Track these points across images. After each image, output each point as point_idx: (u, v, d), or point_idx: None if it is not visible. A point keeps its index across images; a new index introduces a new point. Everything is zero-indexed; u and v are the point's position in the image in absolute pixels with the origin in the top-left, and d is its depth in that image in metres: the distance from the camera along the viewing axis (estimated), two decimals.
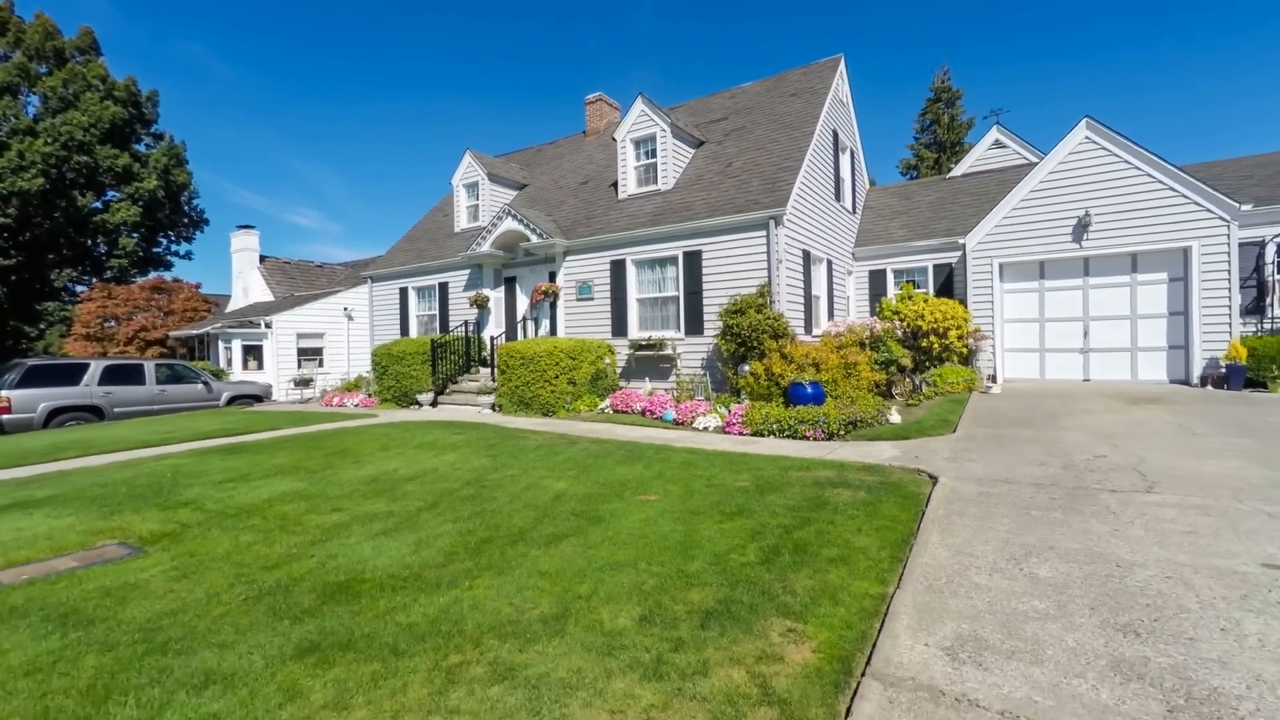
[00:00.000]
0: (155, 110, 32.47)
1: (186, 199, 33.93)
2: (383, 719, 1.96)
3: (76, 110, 27.75)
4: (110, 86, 29.37)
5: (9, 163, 25.38)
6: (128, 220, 29.70)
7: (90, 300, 26.44)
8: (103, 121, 28.25)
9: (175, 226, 33.89)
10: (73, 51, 29.67)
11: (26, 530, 4.14)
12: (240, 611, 2.79)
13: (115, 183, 29.97)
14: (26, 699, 2.13)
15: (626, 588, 2.90)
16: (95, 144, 28.18)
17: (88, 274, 30.62)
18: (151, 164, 30.83)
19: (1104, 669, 2.10)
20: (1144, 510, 3.74)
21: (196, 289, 28.91)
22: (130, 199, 29.91)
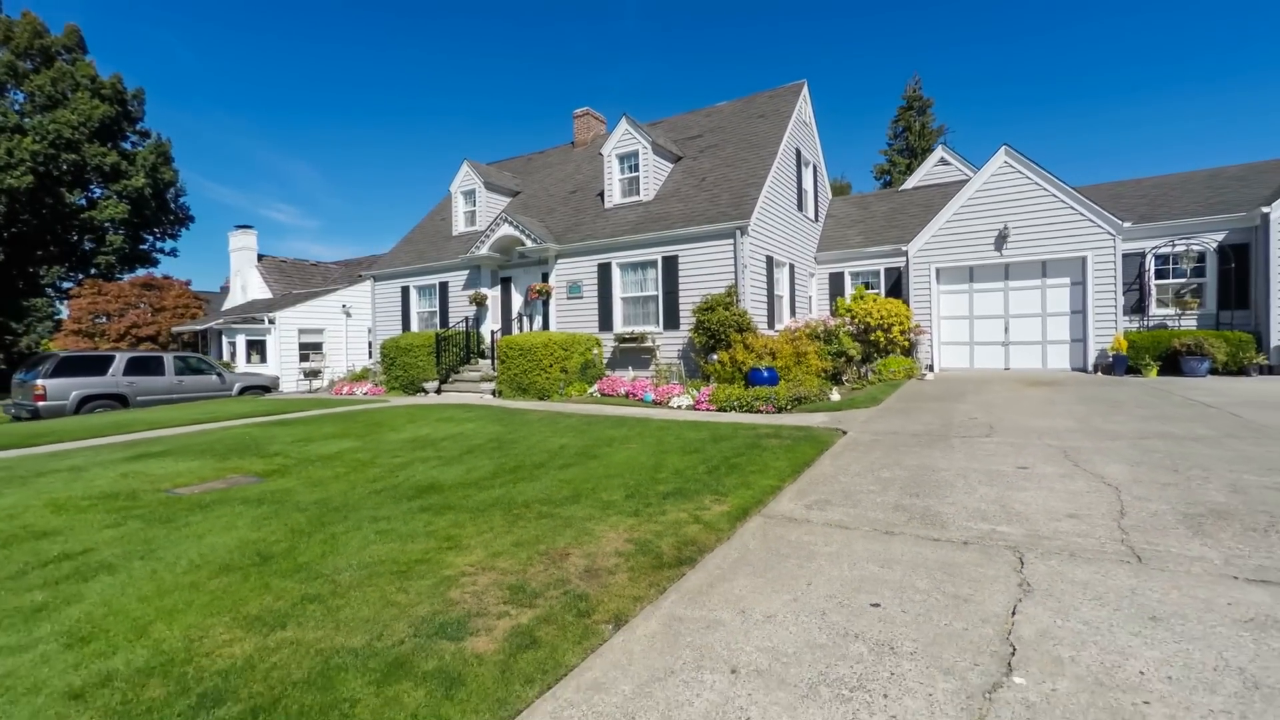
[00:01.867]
0: (142, 108, 33.20)
1: (173, 196, 34.69)
2: (483, 533, 3.57)
3: (65, 109, 28.48)
4: (98, 85, 30.11)
5: None
6: (115, 217, 30.46)
7: (81, 297, 27.24)
8: (92, 120, 29.01)
9: (161, 224, 34.61)
10: (59, 49, 30.34)
11: (170, 469, 5.65)
12: (369, 498, 4.38)
13: (103, 180, 30.71)
14: (271, 528, 3.70)
15: (616, 484, 4.54)
16: (84, 142, 28.95)
17: (75, 271, 31.29)
18: (139, 162, 31.59)
19: (889, 508, 3.80)
20: (974, 446, 5.49)
21: (187, 286, 29.86)
22: (118, 196, 30.66)
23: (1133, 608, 2.38)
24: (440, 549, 3.30)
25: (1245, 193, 11.72)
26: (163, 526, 3.85)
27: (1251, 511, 3.42)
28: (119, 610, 2.65)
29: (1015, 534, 3.25)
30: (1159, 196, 12.71)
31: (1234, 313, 11.02)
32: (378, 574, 2.98)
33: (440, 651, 2.22)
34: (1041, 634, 2.21)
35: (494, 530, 3.60)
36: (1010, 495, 3.95)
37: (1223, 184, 12.40)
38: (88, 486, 5.03)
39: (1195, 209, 11.65)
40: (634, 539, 3.37)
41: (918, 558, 2.98)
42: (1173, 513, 3.46)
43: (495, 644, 2.27)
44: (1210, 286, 11.32)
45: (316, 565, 3.11)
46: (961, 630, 2.26)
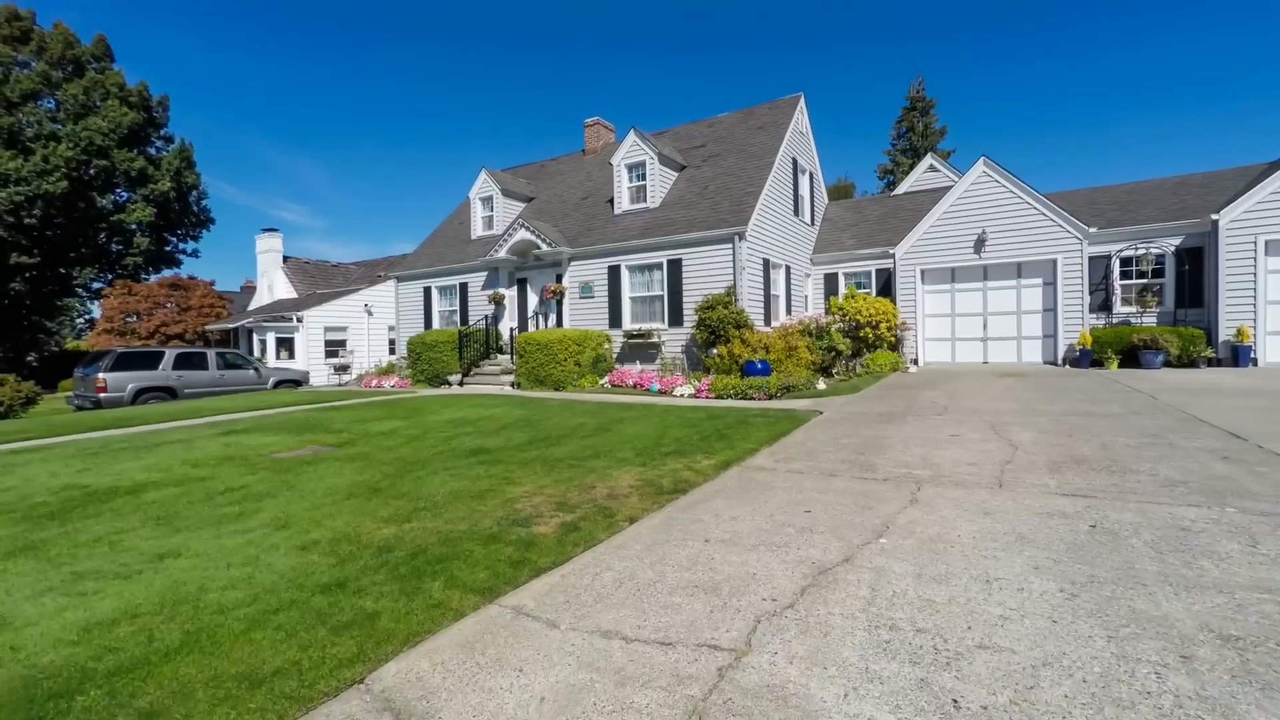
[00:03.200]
0: (166, 114, 34.76)
1: (195, 199, 36.24)
2: (529, 476, 4.81)
3: (96, 116, 30.03)
4: (126, 93, 31.65)
5: (35, 166, 27.64)
6: (142, 220, 32.01)
7: (112, 297, 28.80)
8: (121, 127, 30.55)
9: (184, 225, 36.18)
10: (89, 59, 31.90)
11: (260, 441, 6.94)
12: (434, 457, 5.64)
13: (130, 184, 32.25)
14: (370, 474, 4.96)
15: (627, 448, 5.78)
16: (113, 148, 30.48)
17: (104, 272, 32.88)
18: (164, 166, 33.12)
19: (838, 461, 5.01)
20: (923, 421, 6.68)
21: (211, 286, 31.40)
22: (145, 200, 32.20)
23: (976, 509, 3.59)
24: (500, 484, 4.55)
25: (1207, 199, 12.77)
26: (287, 474, 5.13)
27: (1102, 460, 4.61)
28: (294, 515, 3.92)
29: (924, 474, 4.46)
30: (1129, 202, 13.78)
31: (1189, 310, 12.10)
32: (460, 497, 4.23)
33: (517, 532, 3.47)
34: (910, 521, 3.43)
35: (536, 474, 4.85)
36: (934, 452, 5.15)
37: (1188, 191, 13.46)
38: (204, 452, 6.33)
39: (1158, 215, 12.73)
40: (642, 479, 4.60)
41: (847, 489, 4.20)
42: (1045, 461, 4.65)
43: (551, 529, 3.52)
44: (1169, 286, 12.40)
45: (414, 493, 4.37)
46: (859, 521, 3.48)
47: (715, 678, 1.96)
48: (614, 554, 3.14)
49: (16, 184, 26.66)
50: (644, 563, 2.99)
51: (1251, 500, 3.51)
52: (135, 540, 3.53)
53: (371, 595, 2.68)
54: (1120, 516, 3.34)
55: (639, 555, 3.10)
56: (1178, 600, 2.36)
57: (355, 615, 2.49)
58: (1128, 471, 4.26)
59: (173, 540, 3.51)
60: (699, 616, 2.39)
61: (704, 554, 3.08)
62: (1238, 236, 11.12)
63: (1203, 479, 3.99)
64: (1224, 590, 2.42)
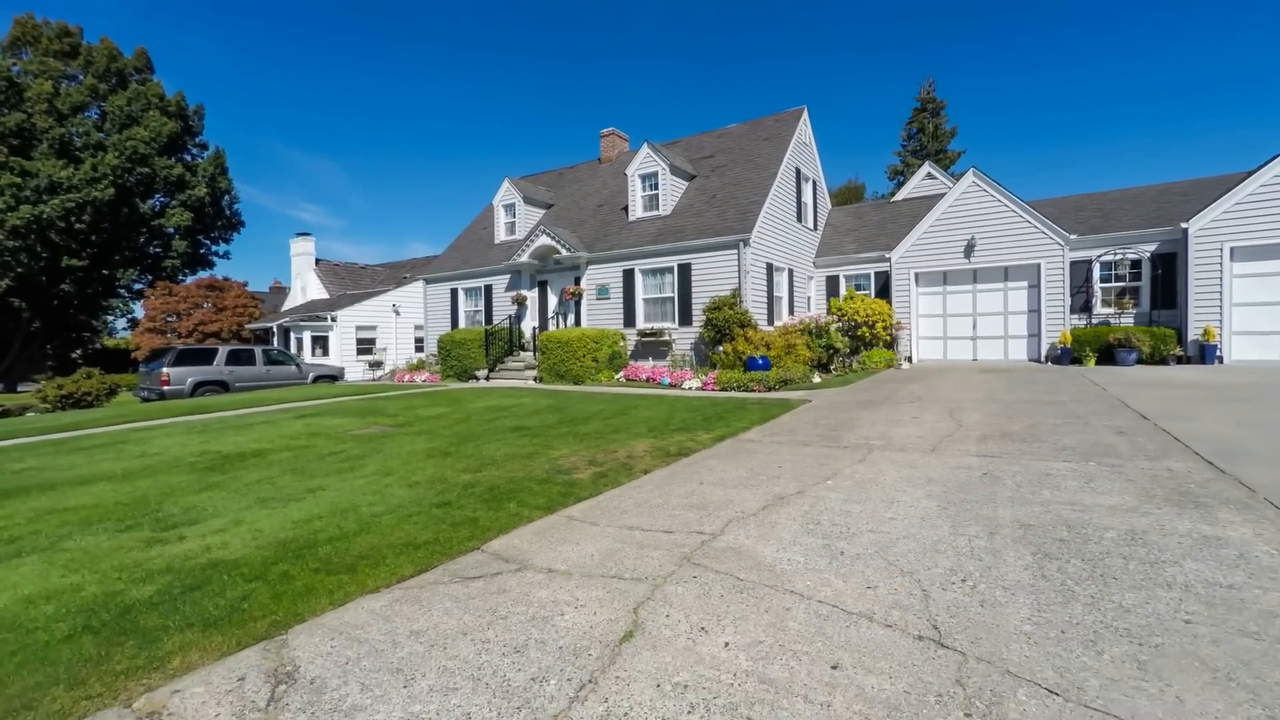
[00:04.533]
0: (201, 123, 36.67)
1: (228, 203, 38.13)
2: (564, 444, 6.08)
3: (139, 125, 31.93)
4: (165, 104, 33.55)
5: (84, 175, 29.55)
6: (180, 224, 33.90)
7: (154, 298, 30.67)
8: (161, 136, 32.43)
9: (217, 228, 38.10)
10: (131, 71, 33.86)
11: (333, 422, 8.31)
12: (483, 432, 6.94)
13: (169, 190, 34.16)
14: (437, 443, 6.27)
15: (641, 426, 7.04)
16: (154, 156, 32.37)
17: (145, 274, 34.85)
18: (200, 172, 35.02)
19: (812, 436, 6.23)
20: (894, 408, 7.85)
21: (244, 287, 33.20)
22: (182, 205, 34.11)
23: (906, 465, 4.80)
24: (541, 449, 5.83)
25: (1186, 207, 13.71)
26: (370, 444, 6.46)
27: (1024, 434, 5.78)
28: (392, 468, 5.23)
29: (878, 444, 5.65)
30: (1113, 209, 14.74)
31: (1163, 312, 13.06)
32: (513, 458, 5.52)
33: (561, 478, 4.74)
34: (853, 472, 4.64)
35: (570, 443, 6.12)
36: (892, 429, 6.34)
37: (1169, 199, 14.39)
38: (291, 430, 7.70)
39: (1138, 222, 13.69)
40: (653, 447, 5.86)
41: (813, 453, 5.41)
42: (978, 435, 5.83)
43: (586, 476, 4.78)
44: (1145, 289, 13.36)
45: (477, 454, 5.67)
46: (815, 472, 4.70)
47: (698, 545, 3.21)
48: (633, 490, 4.40)
49: (68, 191, 28.56)
50: (655, 495, 4.25)
51: (1113, 458, 4.68)
52: (285, 482, 4.86)
53: (469, 509, 3.97)
54: (1008, 468, 4.53)
55: (651, 491, 4.36)
56: (1009, 509, 3.56)
57: (462, 519, 3.78)
58: (1037, 441, 5.43)
59: (312, 482, 4.84)
60: (691, 520, 3.64)
61: (697, 490, 4.33)
62: (1206, 243, 12.08)
63: (1090, 445, 5.15)
64: (1043, 505, 3.63)
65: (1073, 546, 2.97)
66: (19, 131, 27.96)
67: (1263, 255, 11.67)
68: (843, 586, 2.63)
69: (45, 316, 32.13)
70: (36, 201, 27.87)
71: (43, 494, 4.75)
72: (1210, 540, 2.97)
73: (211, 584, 2.87)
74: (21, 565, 3.19)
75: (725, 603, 2.52)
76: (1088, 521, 3.30)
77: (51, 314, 32.27)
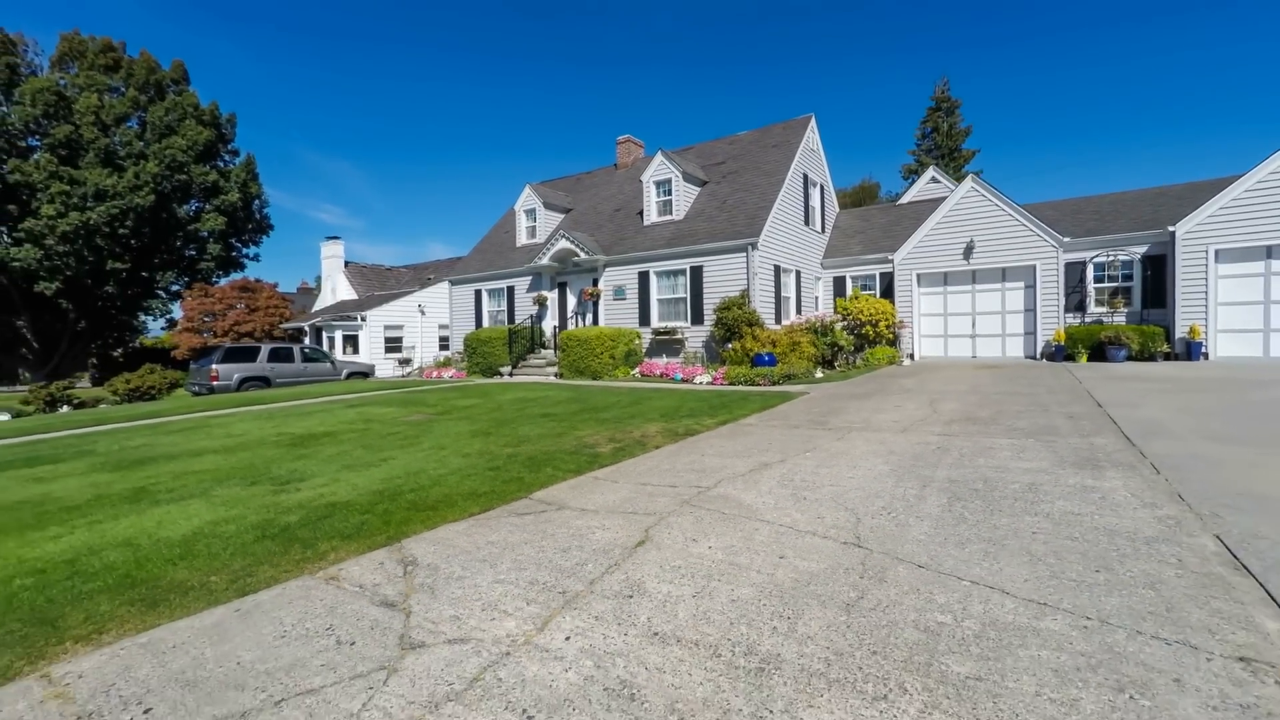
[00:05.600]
0: (234, 131, 38.37)
1: (258, 207, 39.82)
2: (587, 427, 7.10)
3: (176, 135, 33.66)
4: (200, 113, 35.27)
5: (127, 183, 31.30)
6: (214, 228, 35.59)
7: (191, 299, 32.32)
8: (197, 144, 34.13)
9: (248, 232, 39.82)
10: (169, 82, 35.62)
11: (380, 411, 9.42)
12: (515, 417, 7.99)
13: (204, 196, 35.90)
14: (478, 426, 7.33)
15: (654, 414, 8.03)
16: (191, 163, 34.10)
17: (182, 275, 36.64)
18: (233, 178, 36.69)
19: (804, 421, 7.16)
20: (885, 399, 8.74)
21: (275, 288, 34.75)
22: (217, 210, 35.81)
23: (876, 441, 5.72)
24: (568, 430, 6.85)
25: (1180, 210, 14.31)
26: (420, 427, 7.54)
27: (987, 418, 6.66)
28: (444, 444, 6.29)
29: (858, 426, 6.58)
30: (1109, 212, 15.38)
31: (1153, 311, 13.70)
32: (544, 437, 6.54)
33: (586, 451, 5.75)
34: (829, 446, 5.58)
35: (592, 426, 7.13)
36: (874, 415, 7.25)
37: (1165, 202, 14.99)
38: (347, 417, 8.82)
39: (1132, 225, 14.33)
40: (664, 429, 6.85)
41: (800, 434, 6.36)
42: (946, 419, 6.72)
43: (608, 450, 5.79)
44: (1136, 290, 14.00)
45: (513, 434, 6.70)
46: (797, 447, 5.65)
47: (695, 493, 4.20)
48: (646, 460, 5.39)
49: (112, 199, 30.30)
50: (663, 462, 5.24)
51: (1052, 436, 5.57)
52: (359, 454, 5.95)
53: (514, 472, 4.99)
54: (960, 443, 5.44)
55: (661, 460, 5.35)
56: (946, 470, 4.49)
57: (510, 478, 4.80)
58: (995, 424, 6.32)
59: (381, 454, 5.91)
60: (691, 478, 4.62)
61: (699, 460, 5.31)
62: (1192, 246, 12.71)
63: (1039, 427, 6.03)
64: (974, 468, 4.55)
65: (981, 493, 3.90)
66: (68, 142, 29.77)
67: (1246, 257, 12.30)
68: (799, 517, 3.60)
69: (90, 317, 34.03)
70: (84, 208, 29.65)
71: (169, 462, 5.88)
72: (1086, 488, 3.88)
73: (335, 516, 3.93)
74: (191, 504, 4.29)
75: (711, 526, 3.50)
76: (1002, 478, 4.23)
77: (96, 314, 34.16)
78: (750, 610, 2.43)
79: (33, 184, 29.27)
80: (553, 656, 2.14)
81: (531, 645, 2.23)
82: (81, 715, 1.90)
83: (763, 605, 2.47)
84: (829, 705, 1.81)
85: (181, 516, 4.01)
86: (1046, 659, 2.00)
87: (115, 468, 5.72)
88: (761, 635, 2.23)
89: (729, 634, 2.25)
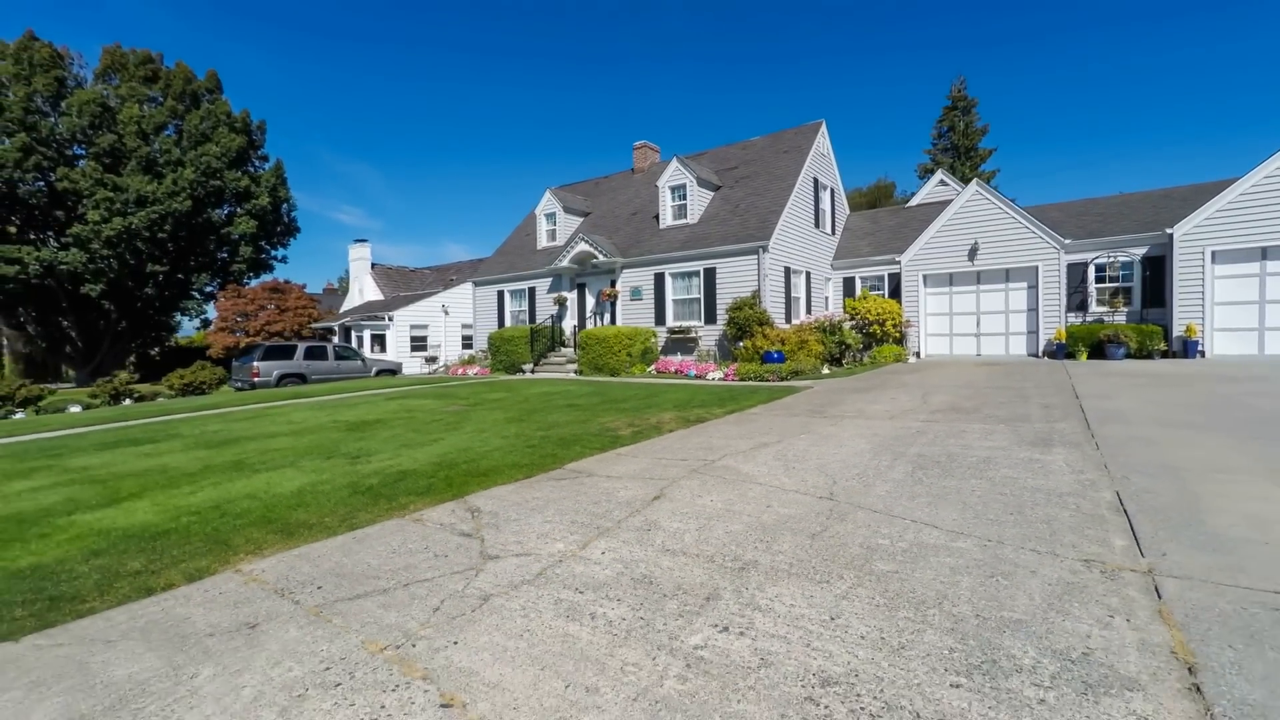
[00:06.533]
0: (263, 137, 39.94)
1: (286, 211, 41.38)
2: (609, 414, 7.95)
3: (211, 142, 35.26)
4: (233, 120, 36.85)
5: (166, 189, 32.90)
6: (246, 232, 37.15)
7: (225, 300, 33.81)
8: (230, 151, 35.68)
9: (276, 234, 41.41)
10: (203, 92, 37.25)
11: (419, 403, 10.38)
12: (543, 407, 8.87)
13: (236, 200, 37.49)
14: (511, 414, 8.23)
15: (669, 404, 8.86)
16: (224, 169, 35.68)
17: (215, 277, 38.28)
18: (263, 183, 38.20)
19: (804, 410, 7.94)
20: (883, 392, 9.47)
21: (304, 289, 36.15)
22: (248, 214, 37.36)
23: (864, 427, 6.49)
24: (591, 417, 7.71)
25: (1183, 212, 14.75)
26: (458, 416, 8.46)
27: (969, 408, 7.38)
28: (484, 429, 7.19)
29: (852, 415, 7.34)
30: (1113, 214, 15.85)
31: (1152, 310, 14.17)
32: (571, 423, 7.41)
33: (609, 434, 6.61)
34: (822, 430, 6.37)
35: (612, 414, 7.99)
36: (869, 406, 8.00)
37: (1169, 204, 15.43)
38: (390, 407, 9.78)
39: (1134, 226, 14.81)
40: (677, 416, 7.67)
41: (799, 421, 7.14)
42: (933, 409, 7.45)
43: (627, 433, 6.64)
44: (1136, 290, 14.48)
45: (543, 421, 7.58)
46: (795, 430, 6.44)
47: (702, 464, 5.02)
48: (661, 440, 6.23)
49: (152, 204, 31.89)
50: (676, 442, 6.08)
51: (1021, 422, 6.29)
52: (411, 436, 6.87)
53: (548, 449, 5.86)
54: (937, 428, 6.19)
55: (673, 440, 6.18)
56: (918, 448, 5.26)
57: (545, 453, 5.67)
58: (976, 413, 7.05)
59: (431, 436, 6.82)
60: (700, 454, 5.45)
61: (707, 440, 6.13)
62: (1189, 248, 13.19)
63: (1014, 415, 6.75)
64: (942, 447, 5.31)
65: (942, 464, 4.68)
66: (111, 151, 31.42)
67: (1241, 258, 12.75)
68: (787, 480, 4.41)
69: (130, 317, 35.76)
70: (126, 214, 31.27)
71: (250, 442, 6.86)
72: (1032, 460, 4.64)
73: (406, 479, 4.83)
74: (286, 472, 5.22)
75: (713, 487, 4.33)
76: (964, 454, 4.99)
77: (135, 315, 35.88)
78: (739, 537, 3.26)
79: (79, 191, 30.95)
80: (593, 563, 2.99)
81: (576, 557, 3.08)
82: (277, 589, 2.80)
83: (749, 535, 3.30)
84: (787, 586, 2.63)
85: (283, 480, 4.94)
86: (948, 562, 2.80)
87: (207, 446, 6.71)
88: (745, 551, 3.06)
89: (721, 550, 3.09)
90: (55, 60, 32.55)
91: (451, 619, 2.44)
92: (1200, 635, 2.07)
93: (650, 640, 2.21)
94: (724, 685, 1.92)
